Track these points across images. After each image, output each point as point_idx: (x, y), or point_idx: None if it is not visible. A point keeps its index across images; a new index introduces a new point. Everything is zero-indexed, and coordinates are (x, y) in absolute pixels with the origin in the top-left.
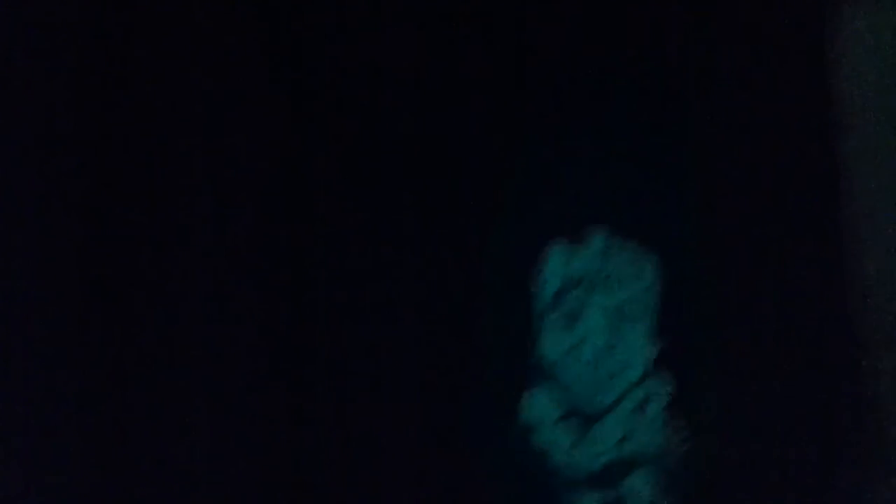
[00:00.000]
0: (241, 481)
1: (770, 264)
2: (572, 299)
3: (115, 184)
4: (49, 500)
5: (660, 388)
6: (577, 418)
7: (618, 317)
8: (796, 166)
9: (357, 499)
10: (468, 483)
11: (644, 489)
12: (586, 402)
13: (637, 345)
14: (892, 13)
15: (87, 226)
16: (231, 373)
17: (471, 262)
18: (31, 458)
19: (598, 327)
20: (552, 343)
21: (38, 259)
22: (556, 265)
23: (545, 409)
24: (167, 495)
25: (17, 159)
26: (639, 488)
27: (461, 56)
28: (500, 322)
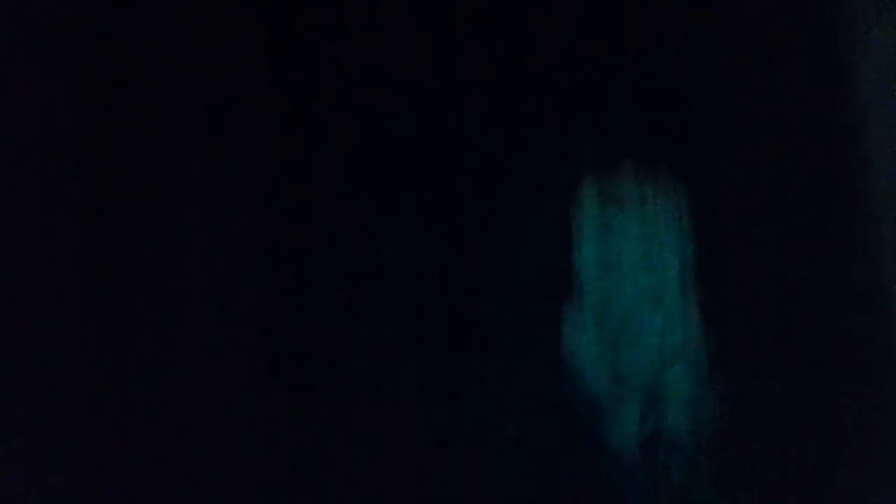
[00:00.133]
0: (241, 481)
1: (770, 264)
2: (607, 215)
3: (115, 184)
4: (49, 500)
5: (695, 291)
6: (615, 329)
7: (651, 228)
8: (797, 166)
9: (357, 499)
10: (468, 483)
11: (683, 384)
12: (623, 315)
13: (671, 253)
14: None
15: (87, 226)
16: (231, 373)
17: (471, 262)
18: (31, 458)
19: (633, 237)
20: (588, 257)
21: (38, 259)
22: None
23: (583, 326)
24: (167, 495)
25: (17, 159)
26: (678, 383)
27: (461, 56)
28: (501, 322)
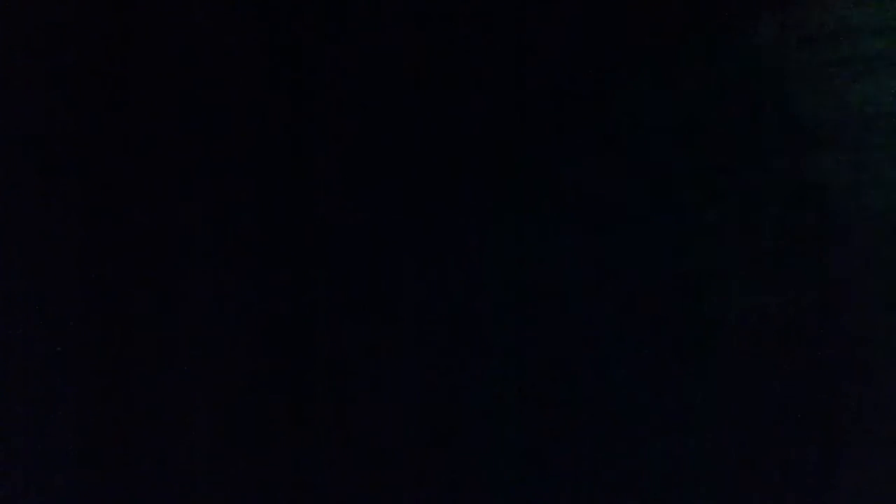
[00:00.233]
0: (241, 481)
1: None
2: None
3: (115, 184)
4: (49, 500)
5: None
6: None
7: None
8: (797, 166)
9: (357, 499)
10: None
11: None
12: None
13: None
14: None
15: (87, 226)
16: (231, 373)
17: (471, 262)
18: (31, 458)
19: None
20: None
21: (38, 259)
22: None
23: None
24: (167, 495)
25: (17, 159)
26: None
27: (461, 56)
28: (501, 322)
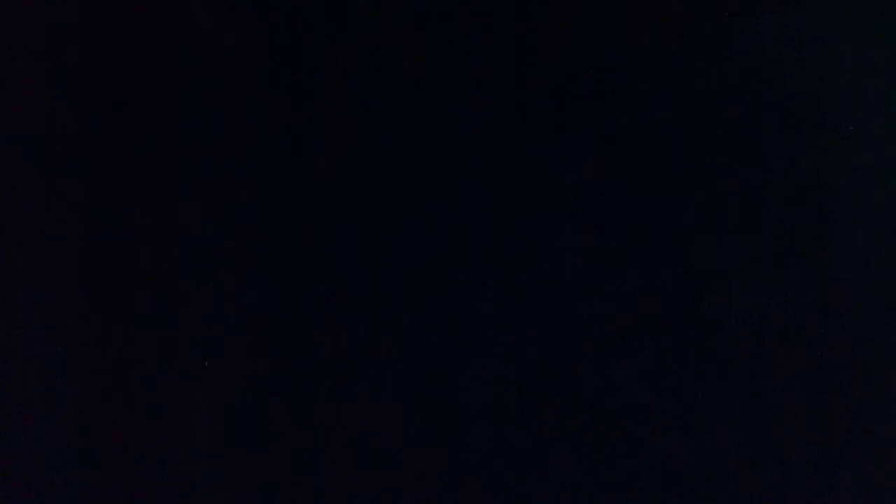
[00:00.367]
0: (240, 481)
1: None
2: None
3: (115, 184)
4: (49, 500)
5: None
6: None
7: None
8: (797, 165)
9: (357, 499)
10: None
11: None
12: None
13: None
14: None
15: (88, 226)
16: (231, 373)
17: (471, 261)
18: (31, 458)
19: None
20: None
21: (39, 259)
22: None
23: None
24: (167, 495)
25: (17, 159)
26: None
27: (461, 56)
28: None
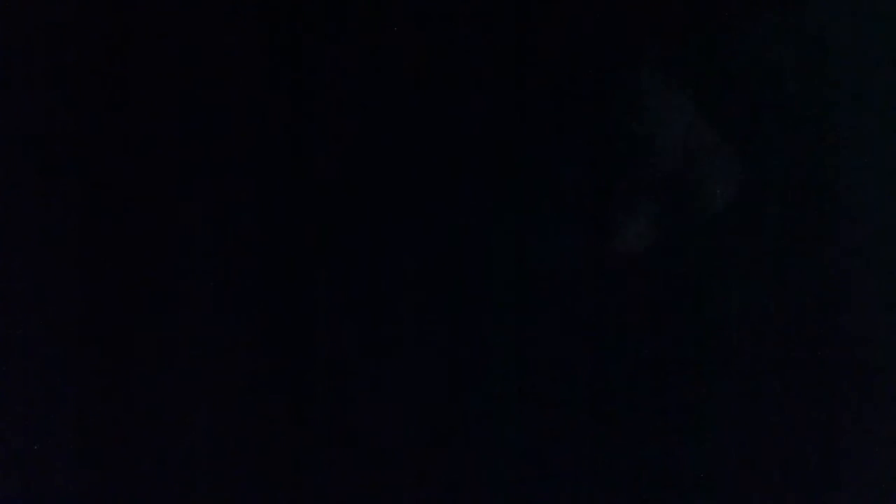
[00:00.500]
0: (240, 481)
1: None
2: None
3: (114, 184)
4: (49, 500)
5: None
6: None
7: None
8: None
9: (357, 499)
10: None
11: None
12: None
13: None
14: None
15: (88, 226)
16: (231, 373)
17: (471, 261)
18: (31, 458)
19: None
20: None
21: (39, 259)
22: None
23: None
24: (167, 495)
25: (17, 159)
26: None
27: (461, 56)
28: (501, 321)
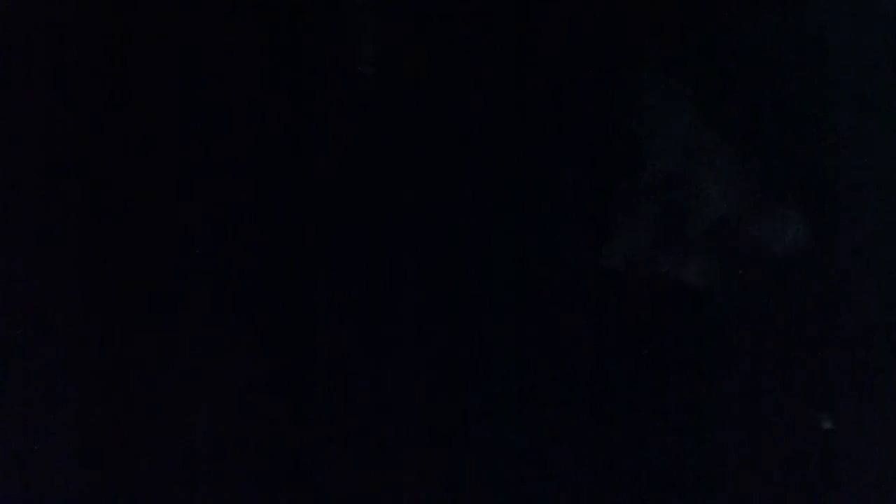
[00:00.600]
0: (240, 481)
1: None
2: None
3: (115, 184)
4: (49, 500)
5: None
6: None
7: None
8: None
9: (357, 499)
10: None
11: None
12: None
13: None
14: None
15: (88, 226)
16: (231, 373)
17: (471, 261)
18: (31, 458)
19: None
20: None
21: (39, 259)
22: None
23: None
24: (167, 495)
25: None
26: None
27: (461, 56)
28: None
